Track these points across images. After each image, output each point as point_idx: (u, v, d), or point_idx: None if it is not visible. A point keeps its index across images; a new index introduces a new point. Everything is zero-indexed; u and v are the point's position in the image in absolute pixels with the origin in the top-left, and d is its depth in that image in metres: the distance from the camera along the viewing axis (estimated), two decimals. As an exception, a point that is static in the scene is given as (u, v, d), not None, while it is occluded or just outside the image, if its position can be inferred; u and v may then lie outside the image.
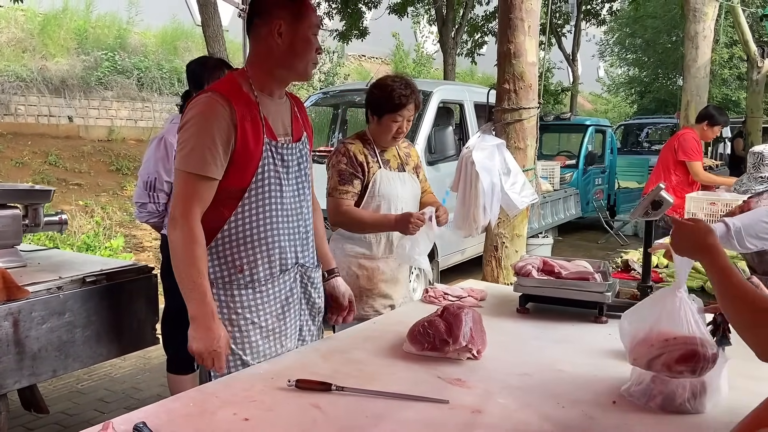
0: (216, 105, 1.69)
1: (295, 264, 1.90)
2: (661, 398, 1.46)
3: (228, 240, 1.79)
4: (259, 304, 1.84)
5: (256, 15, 1.77)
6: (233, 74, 1.82)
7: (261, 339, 1.85)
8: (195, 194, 1.68)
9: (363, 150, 2.53)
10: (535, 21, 3.09)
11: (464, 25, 12.09)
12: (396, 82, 2.47)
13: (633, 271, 3.15)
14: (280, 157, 1.80)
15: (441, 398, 1.50)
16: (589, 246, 8.73)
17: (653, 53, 21.60)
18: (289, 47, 1.75)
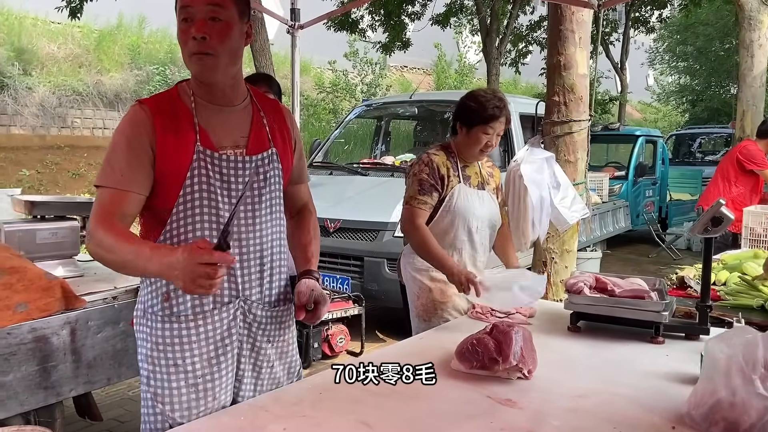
0: (134, 115, 1.53)
1: (236, 298, 1.61)
2: (724, 425, 1.39)
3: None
4: (185, 343, 1.56)
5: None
6: (180, 83, 1.63)
7: (186, 387, 1.56)
8: (105, 207, 1.49)
9: (446, 162, 2.47)
10: (586, 32, 3.04)
11: (508, 34, 12.00)
12: (489, 94, 2.44)
13: (689, 289, 3.04)
14: (218, 170, 1.55)
15: (491, 419, 1.47)
16: (639, 260, 8.48)
17: (705, 61, 20.94)
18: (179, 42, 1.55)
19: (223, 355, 1.62)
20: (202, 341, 1.59)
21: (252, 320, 1.67)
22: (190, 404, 1.57)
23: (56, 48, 10.44)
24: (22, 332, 2.19)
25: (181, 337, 1.57)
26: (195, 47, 1.50)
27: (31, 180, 7.80)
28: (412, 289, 2.54)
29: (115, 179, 1.49)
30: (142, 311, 1.61)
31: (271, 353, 1.73)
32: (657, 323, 2.07)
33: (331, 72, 15.04)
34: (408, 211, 2.45)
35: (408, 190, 2.49)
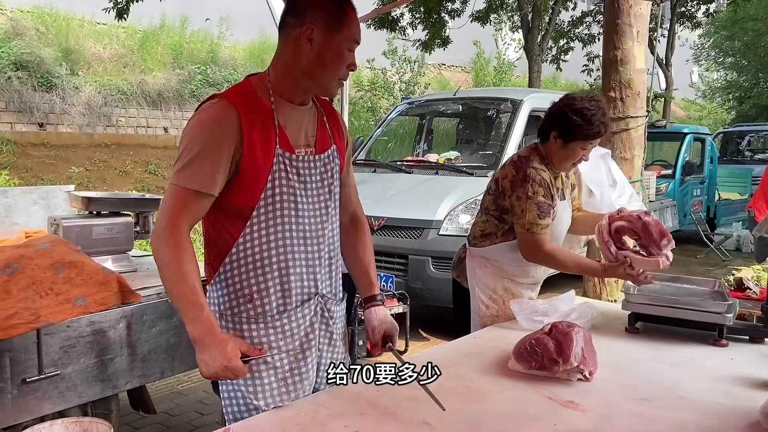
0: (219, 113, 1.49)
1: (315, 294, 1.66)
2: None
3: (236, 266, 1.57)
4: (272, 342, 1.59)
5: (290, 13, 1.56)
6: (249, 78, 1.61)
7: (276, 381, 1.60)
8: (185, 209, 1.47)
9: (551, 178, 2.29)
10: (644, 26, 2.95)
11: (550, 31, 11.81)
12: (593, 107, 2.22)
13: (748, 290, 2.93)
14: (295, 171, 1.57)
15: (555, 421, 1.44)
16: (687, 261, 8.24)
17: (754, 56, 20.24)
18: (318, 56, 1.52)
19: (309, 350, 1.66)
20: (288, 338, 1.62)
21: (328, 316, 1.71)
22: (282, 396, 1.61)
23: (102, 48, 10.71)
24: (81, 325, 2.25)
25: (269, 335, 1.60)
26: (345, 76, 1.59)
27: (80, 177, 8.02)
28: (481, 297, 2.43)
29: (200, 182, 1.47)
30: (218, 314, 1.59)
31: (341, 347, 1.78)
32: (720, 325, 2.00)
33: (370, 70, 15.06)
34: (531, 239, 2.26)
35: (526, 215, 2.25)
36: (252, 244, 1.56)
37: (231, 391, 1.60)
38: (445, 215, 4.83)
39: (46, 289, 2.18)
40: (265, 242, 1.56)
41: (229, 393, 1.61)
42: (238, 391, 1.59)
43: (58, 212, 3.24)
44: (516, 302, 2.24)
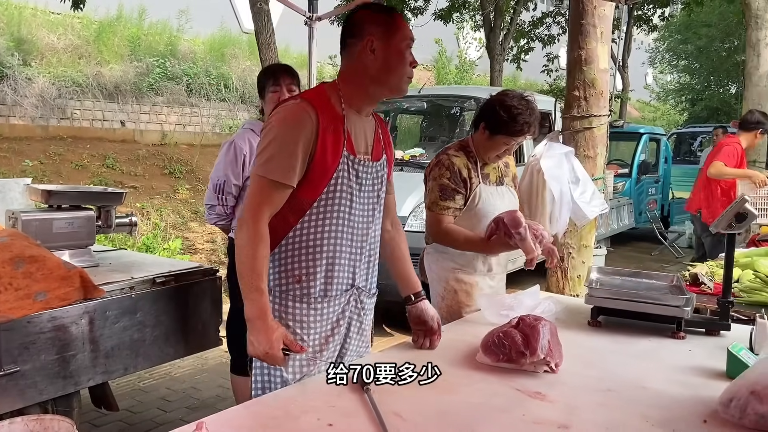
0: (302, 112, 1.68)
1: (351, 286, 1.85)
2: (756, 417, 1.40)
3: (291, 248, 1.76)
4: (311, 321, 1.79)
5: (349, 35, 1.76)
6: (324, 86, 1.80)
7: (304, 358, 1.79)
8: (267, 199, 1.66)
9: (467, 163, 2.42)
10: (608, 27, 3.02)
11: (512, 31, 11.98)
12: (522, 106, 2.32)
13: (703, 285, 3.05)
14: (355, 173, 1.77)
15: (523, 412, 1.47)
16: (642, 258, 8.50)
17: (706, 60, 20.97)
18: (384, 62, 1.72)
19: (338, 335, 1.85)
20: (322, 320, 1.81)
21: (361, 307, 1.90)
22: (303, 370, 1.78)
23: (56, 39, 10.34)
24: (42, 321, 2.19)
25: (309, 315, 1.78)
26: (411, 73, 1.77)
27: (34, 170, 7.74)
28: (437, 289, 2.51)
29: (284, 174, 1.65)
30: (269, 289, 1.74)
31: (368, 337, 1.97)
32: (679, 318, 2.07)
33: (332, 67, 14.98)
34: (432, 217, 2.42)
35: (429, 195, 2.44)
36: (307, 232, 1.75)
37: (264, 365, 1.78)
38: (409, 212, 4.85)
39: (5, 284, 2.12)
40: (319, 232, 1.75)
41: (262, 367, 1.79)
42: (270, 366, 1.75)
43: (14, 206, 3.13)
44: (484, 297, 2.29)
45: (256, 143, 2.71)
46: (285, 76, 2.74)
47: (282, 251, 1.76)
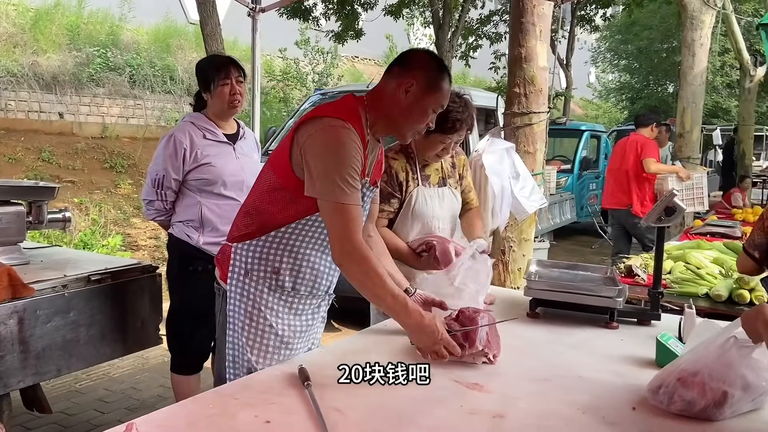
0: (355, 138, 1.71)
1: (325, 293, 1.96)
2: (682, 403, 1.46)
3: (277, 243, 1.82)
4: (282, 312, 1.87)
5: (399, 64, 1.81)
6: (357, 107, 1.79)
7: (273, 347, 1.86)
8: (354, 222, 1.69)
9: (405, 166, 2.40)
10: (547, 25, 3.09)
11: (460, 28, 12.10)
12: (455, 104, 2.27)
13: (637, 277, 3.17)
14: (361, 197, 1.82)
15: (461, 403, 1.50)
16: (583, 251, 8.76)
17: (645, 60, 21.76)
18: (408, 107, 1.76)
19: (310, 328, 1.95)
20: (294, 316, 1.89)
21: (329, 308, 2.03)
22: (274, 357, 1.85)
23: (-11, 26, 9.86)
24: (-34, 322, 2.08)
25: (281, 305, 1.86)
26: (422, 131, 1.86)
27: (-38, 164, 7.37)
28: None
29: (357, 197, 1.70)
30: (246, 271, 1.84)
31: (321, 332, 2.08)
32: (612, 309, 2.14)
33: (282, 60, 14.80)
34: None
35: None
36: (299, 234, 1.81)
37: (235, 345, 1.85)
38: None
39: (-75, 283, 2.00)
40: (310, 239, 1.82)
41: (234, 348, 1.85)
42: (239, 346, 1.84)
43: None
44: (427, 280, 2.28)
45: (197, 137, 2.66)
46: (233, 68, 2.68)
47: (267, 242, 1.82)
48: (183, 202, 2.69)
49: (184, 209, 2.68)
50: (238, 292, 1.86)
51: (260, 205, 1.85)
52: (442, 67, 1.79)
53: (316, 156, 1.69)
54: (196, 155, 2.62)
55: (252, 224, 1.85)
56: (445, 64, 1.81)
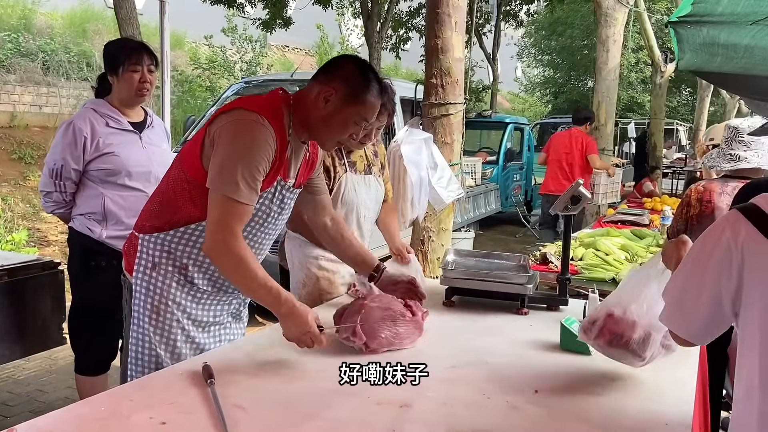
0: (267, 135, 1.65)
1: (235, 290, 1.87)
2: (610, 336, 1.57)
3: (187, 239, 1.75)
4: (190, 307, 1.81)
5: (324, 71, 1.76)
6: (281, 103, 1.74)
7: (181, 342, 1.80)
8: (237, 219, 1.63)
9: (332, 152, 2.35)
10: (462, 17, 3.12)
11: (389, 19, 12.11)
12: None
13: (551, 264, 3.27)
14: (281, 198, 1.80)
15: (368, 394, 1.49)
16: (507, 240, 9.00)
17: (567, 56, 22.57)
18: (326, 117, 1.72)
19: (215, 325, 1.88)
20: (204, 309, 1.83)
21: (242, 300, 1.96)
22: (182, 353, 1.79)
23: None
24: None
25: (189, 300, 1.80)
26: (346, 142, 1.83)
27: None
28: (298, 276, 2.45)
29: (251, 197, 1.64)
30: (153, 264, 1.77)
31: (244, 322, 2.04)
32: (522, 296, 2.20)
33: (208, 48, 14.36)
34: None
35: None
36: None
37: (140, 340, 1.78)
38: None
39: None
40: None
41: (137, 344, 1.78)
42: (146, 342, 1.77)
43: None
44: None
45: (99, 124, 2.52)
46: (146, 55, 2.55)
47: (176, 237, 1.75)
48: (84, 194, 2.54)
49: (86, 201, 2.53)
50: (144, 286, 1.78)
51: (169, 196, 1.77)
52: (369, 79, 1.73)
53: (223, 146, 1.63)
54: (97, 144, 2.48)
55: (160, 216, 1.77)
56: (373, 76, 1.75)
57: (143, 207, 1.86)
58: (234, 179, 1.60)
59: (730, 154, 2.55)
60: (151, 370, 1.76)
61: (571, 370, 1.70)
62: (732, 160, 2.53)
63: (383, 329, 1.76)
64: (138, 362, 1.79)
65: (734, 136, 2.56)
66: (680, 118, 21.27)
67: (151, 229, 1.78)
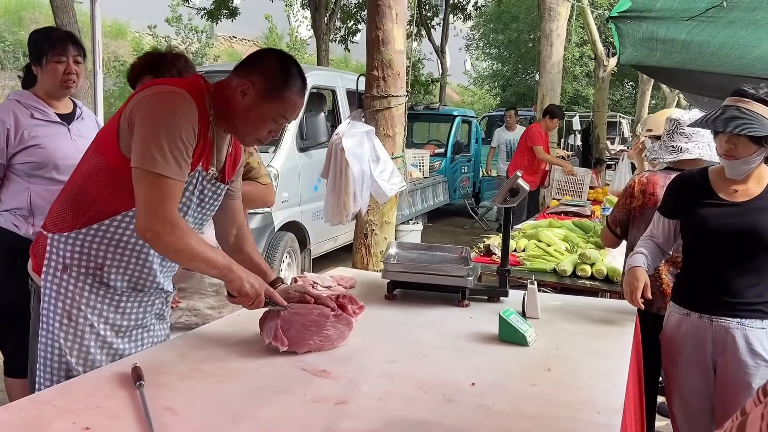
0: (189, 105, 1.56)
1: (158, 289, 1.78)
2: None
3: (105, 232, 1.63)
4: (107, 311, 1.70)
5: (245, 63, 1.68)
6: (201, 84, 1.65)
7: (95, 348, 1.69)
8: (169, 196, 1.53)
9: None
10: (403, 8, 3.10)
11: (337, 11, 12.02)
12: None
13: (494, 255, 3.30)
14: (201, 189, 1.70)
15: (304, 392, 1.46)
16: (456, 231, 9.09)
17: (515, 50, 22.95)
18: (243, 111, 1.63)
19: (137, 328, 1.77)
20: (122, 313, 1.72)
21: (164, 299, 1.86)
22: (96, 359, 1.68)
23: None
24: None
25: (105, 304, 1.69)
26: (265, 138, 1.71)
27: None
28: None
29: (181, 172, 1.54)
30: (63, 266, 1.66)
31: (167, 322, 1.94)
32: (463, 288, 2.21)
33: (152, 38, 13.93)
34: None
35: None
36: (125, 227, 1.63)
37: (49, 346, 1.66)
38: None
39: None
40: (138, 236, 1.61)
41: (46, 350, 1.66)
42: (56, 349, 1.66)
43: None
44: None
45: (23, 116, 2.40)
46: (72, 46, 2.43)
47: (89, 235, 1.64)
48: (9, 189, 2.41)
49: (11, 196, 2.41)
50: (54, 289, 1.67)
51: (82, 189, 1.64)
52: (290, 74, 1.65)
53: (141, 121, 1.52)
54: (22, 136, 2.36)
55: (72, 212, 1.65)
56: (296, 71, 1.66)
57: (52, 204, 1.74)
58: (160, 154, 1.49)
59: (672, 146, 2.60)
60: (60, 378, 1.65)
61: (509, 362, 1.71)
62: (674, 151, 2.58)
63: (311, 335, 1.72)
64: (47, 370, 1.68)
65: (676, 128, 2.61)
66: (623, 111, 21.94)
67: (61, 228, 1.66)
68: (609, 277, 3.05)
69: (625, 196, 2.69)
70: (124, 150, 1.57)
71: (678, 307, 2.20)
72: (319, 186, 5.06)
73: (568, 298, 2.49)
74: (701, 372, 2.13)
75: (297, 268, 5.31)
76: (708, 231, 2.11)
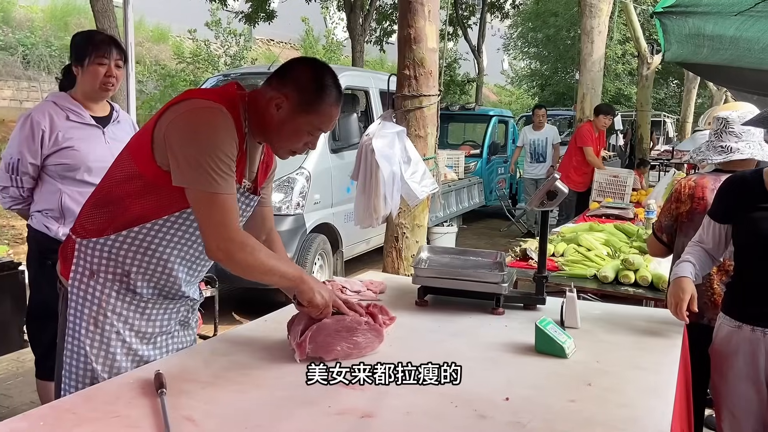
0: (230, 124, 1.54)
1: (183, 296, 1.77)
2: None
3: (133, 240, 1.62)
4: (133, 318, 1.69)
5: (278, 75, 1.65)
6: (237, 96, 1.62)
7: (120, 354, 1.68)
8: (229, 212, 1.54)
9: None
10: (435, 6, 3.02)
11: (372, 12, 12.00)
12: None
13: (531, 260, 3.19)
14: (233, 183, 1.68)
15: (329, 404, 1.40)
16: (492, 234, 8.94)
17: (553, 48, 22.53)
18: (278, 124, 1.61)
19: (162, 335, 1.76)
20: (148, 320, 1.71)
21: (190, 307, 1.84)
22: (122, 367, 1.67)
23: None
24: None
25: (131, 311, 1.68)
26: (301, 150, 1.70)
27: None
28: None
29: (231, 185, 1.55)
30: (91, 272, 1.65)
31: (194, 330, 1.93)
32: (497, 295, 2.11)
33: (192, 41, 14.18)
34: None
35: None
36: (155, 235, 1.62)
37: (74, 353, 1.66)
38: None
39: None
40: (168, 241, 1.63)
41: (72, 356, 1.66)
42: (82, 355, 1.65)
43: None
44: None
45: (59, 118, 2.42)
46: (115, 50, 2.45)
47: (121, 240, 1.62)
48: (42, 190, 2.44)
49: (43, 197, 2.43)
50: (81, 295, 1.66)
51: (113, 195, 1.63)
52: (325, 86, 1.61)
53: (182, 140, 1.50)
54: (56, 138, 2.38)
55: (101, 218, 1.64)
56: (331, 81, 1.62)
57: (82, 207, 1.74)
58: (210, 173, 1.49)
59: (720, 146, 2.43)
60: (85, 385, 1.64)
61: (545, 375, 1.62)
62: (723, 151, 2.41)
63: (339, 341, 1.66)
64: (72, 377, 1.68)
65: (724, 127, 2.44)
66: (667, 110, 21.35)
67: (89, 233, 1.65)
68: (654, 284, 2.90)
69: (671, 201, 2.54)
70: (159, 162, 1.55)
71: (729, 318, 2.07)
72: (352, 188, 5.01)
73: (609, 307, 2.37)
74: (754, 388, 2.00)
75: (329, 270, 5.27)
76: (762, 236, 1.97)
